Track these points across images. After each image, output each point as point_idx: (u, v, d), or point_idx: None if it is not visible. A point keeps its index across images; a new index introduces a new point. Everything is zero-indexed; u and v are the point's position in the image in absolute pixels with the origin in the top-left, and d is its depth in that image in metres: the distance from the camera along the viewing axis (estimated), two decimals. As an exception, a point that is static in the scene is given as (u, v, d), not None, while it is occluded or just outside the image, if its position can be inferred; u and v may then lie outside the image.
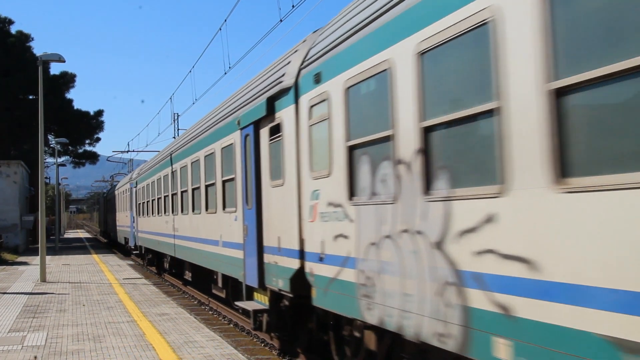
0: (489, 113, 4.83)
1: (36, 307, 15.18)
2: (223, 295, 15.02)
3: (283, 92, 9.30)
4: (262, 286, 10.32)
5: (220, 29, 22.19)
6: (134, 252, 31.87)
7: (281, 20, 16.59)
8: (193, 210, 16.42)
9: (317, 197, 8.09)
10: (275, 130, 9.64)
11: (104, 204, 61.23)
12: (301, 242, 8.73)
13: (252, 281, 10.72)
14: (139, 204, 28.85)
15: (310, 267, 8.43)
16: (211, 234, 14.32)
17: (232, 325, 14.41)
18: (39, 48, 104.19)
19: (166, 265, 23.80)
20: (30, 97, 49.59)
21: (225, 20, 21.65)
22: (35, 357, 9.02)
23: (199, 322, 12.73)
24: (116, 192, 43.68)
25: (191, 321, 12.74)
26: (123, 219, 37.45)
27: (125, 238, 36.46)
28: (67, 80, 55.78)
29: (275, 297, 9.97)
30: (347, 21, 7.49)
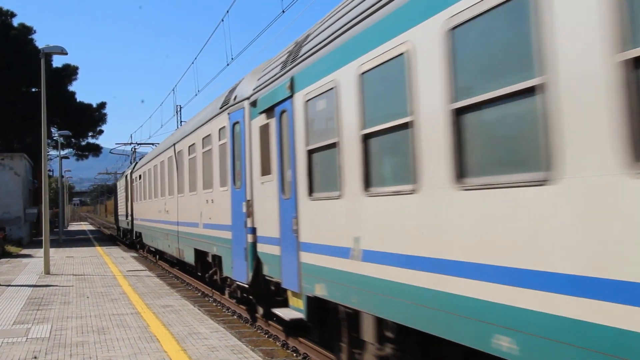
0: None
1: (40, 300, 15.21)
2: None
3: None
4: None
5: (223, 20, 22.14)
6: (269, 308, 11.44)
7: (283, 11, 16.54)
8: None
9: None
10: None
11: (127, 188, 38.16)
12: None
13: None
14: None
15: None
16: None
17: (236, 317, 14.42)
18: (41, 41, 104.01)
19: None
20: (33, 89, 49.59)
21: (228, 12, 21.58)
22: (36, 358, 9.01)
23: (202, 313, 12.74)
24: (156, 162, 24.83)
25: (195, 313, 12.75)
26: (197, 207, 16.55)
27: (198, 252, 16.80)
28: (69, 72, 55.74)
29: None
30: None
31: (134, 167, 35.43)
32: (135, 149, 52.26)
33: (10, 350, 9.66)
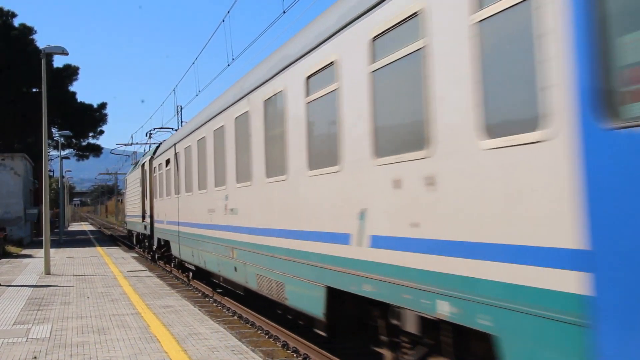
0: None
1: (40, 300, 15.20)
2: None
3: None
4: None
5: (224, 21, 22.16)
6: None
7: (284, 12, 16.55)
8: None
9: None
10: None
11: (143, 181, 29.27)
12: None
13: None
14: None
15: None
16: None
17: (236, 318, 14.41)
18: (42, 41, 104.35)
19: None
20: (34, 90, 49.63)
21: (229, 12, 21.60)
22: (35, 358, 8.99)
23: (203, 314, 12.73)
24: (205, 131, 15.38)
25: (195, 313, 12.74)
26: (344, 198, 7.69)
27: (340, 296, 8.00)
28: (70, 73, 55.77)
29: None
30: None
31: (154, 152, 26.76)
32: (151, 133, 40.46)
33: (10, 350, 9.66)
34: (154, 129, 38.78)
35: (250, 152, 11.42)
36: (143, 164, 29.36)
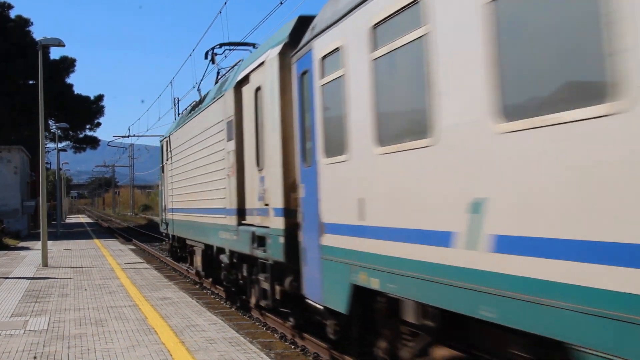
0: None
1: (38, 292, 15.20)
2: None
3: None
4: None
5: (220, 12, 22.10)
6: None
7: (281, 3, 16.51)
8: None
9: None
10: None
11: (259, 121, 10.42)
12: None
13: None
14: None
15: None
16: None
17: (234, 309, 14.43)
18: (38, 33, 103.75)
19: None
20: (31, 82, 49.49)
21: (226, 3, 21.54)
22: (35, 357, 8.99)
23: (200, 306, 12.75)
24: None
25: (193, 305, 12.75)
26: None
27: None
28: (67, 65, 55.64)
29: None
30: None
31: (293, 31, 9.45)
32: (215, 53, 17.99)
33: (8, 342, 9.66)
34: (219, 45, 18.02)
35: None
36: (244, 79, 11.50)
